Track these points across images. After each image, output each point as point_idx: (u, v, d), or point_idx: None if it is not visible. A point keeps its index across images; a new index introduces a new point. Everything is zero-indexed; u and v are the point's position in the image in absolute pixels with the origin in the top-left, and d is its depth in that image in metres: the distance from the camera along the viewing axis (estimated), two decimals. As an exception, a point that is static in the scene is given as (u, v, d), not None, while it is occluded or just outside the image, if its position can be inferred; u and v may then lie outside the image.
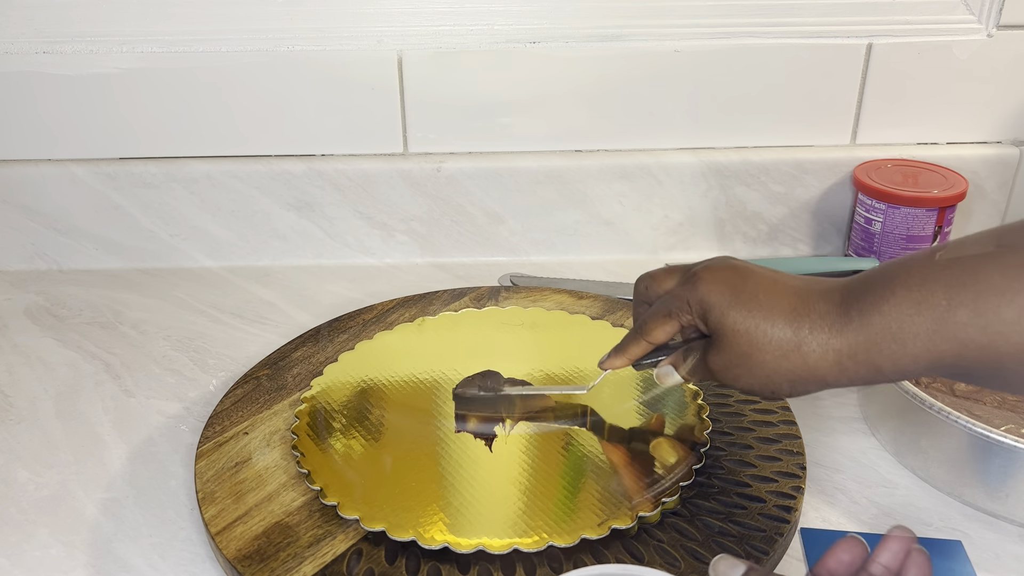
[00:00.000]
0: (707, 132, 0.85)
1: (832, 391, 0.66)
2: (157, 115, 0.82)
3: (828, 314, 0.41)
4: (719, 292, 0.44)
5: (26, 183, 0.84)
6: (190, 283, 0.84)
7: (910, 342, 0.38)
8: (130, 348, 0.73)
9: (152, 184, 0.84)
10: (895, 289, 0.39)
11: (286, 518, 0.51)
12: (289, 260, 0.88)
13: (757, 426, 0.58)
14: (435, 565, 0.47)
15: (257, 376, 0.64)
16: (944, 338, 0.37)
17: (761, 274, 0.45)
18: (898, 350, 0.39)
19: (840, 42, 0.81)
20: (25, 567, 0.51)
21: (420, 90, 0.82)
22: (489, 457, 0.54)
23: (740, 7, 0.80)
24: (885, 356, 0.39)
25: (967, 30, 0.80)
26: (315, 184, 0.85)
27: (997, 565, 0.50)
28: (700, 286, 0.45)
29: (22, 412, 0.65)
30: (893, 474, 0.57)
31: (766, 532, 0.49)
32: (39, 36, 0.79)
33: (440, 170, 0.85)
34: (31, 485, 0.58)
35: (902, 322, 0.38)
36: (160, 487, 0.57)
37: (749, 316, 0.43)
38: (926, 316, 0.38)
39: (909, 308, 0.38)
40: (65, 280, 0.85)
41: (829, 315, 0.41)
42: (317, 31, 0.80)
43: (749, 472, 0.54)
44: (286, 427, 0.58)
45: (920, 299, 0.38)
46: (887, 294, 0.39)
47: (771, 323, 0.42)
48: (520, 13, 0.80)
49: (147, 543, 0.52)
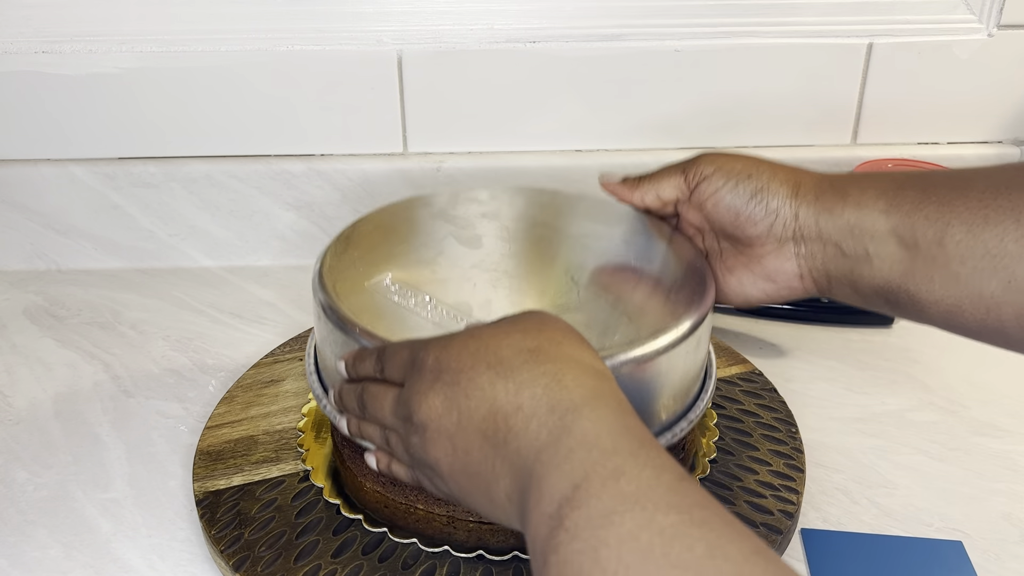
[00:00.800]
0: (707, 132, 0.85)
1: (830, 391, 0.66)
2: (157, 115, 0.82)
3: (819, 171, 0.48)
4: (720, 172, 0.49)
5: (25, 183, 0.84)
6: (189, 283, 0.84)
7: (881, 181, 0.43)
8: (129, 348, 0.73)
9: (151, 184, 0.84)
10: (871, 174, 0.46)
11: (261, 435, 0.57)
12: (289, 260, 0.88)
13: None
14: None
15: None
16: (915, 185, 0.42)
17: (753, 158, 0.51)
18: (868, 184, 0.44)
19: (840, 42, 0.81)
20: (24, 567, 0.51)
21: (420, 90, 0.82)
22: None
23: (740, 7, 0.79)
24: (855, 185, 0.44)
25: (967, 30, 0.80)
26: (315, 184, 0.85)
27: (997, 565, 0.50)
28: (702, 167, 0.50)
29: (21, 412, 0.65)
30: (893, 474, 0.57)
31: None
32: (39, 36, 0.79)
33: (440, 170, 0.85)
34: (30, 485, 0.57)
35: (878, 176, 0.44)
36: (159, 487, 0.57)
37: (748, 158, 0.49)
38: (901, 174, 0.43)
39: (887, 176, 0.44)
40: (64, 280, 0.85)
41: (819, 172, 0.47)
42: (317, 31, 0.79)
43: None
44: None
45: (901, 173, 0.44)
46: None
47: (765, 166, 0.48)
48: (520, 13, 0.80)
49: (146, 543, 0.52)
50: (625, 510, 0.29)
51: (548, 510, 0.31)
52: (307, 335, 0.70)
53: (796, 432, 0.58)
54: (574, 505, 0.30)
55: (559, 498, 0.30)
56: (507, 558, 0.47)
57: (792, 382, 0.67)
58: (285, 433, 0.58)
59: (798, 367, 0.69)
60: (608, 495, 0.30)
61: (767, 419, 0.59)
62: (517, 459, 0.34)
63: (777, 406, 0.61)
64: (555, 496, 0.31)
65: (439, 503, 0.48)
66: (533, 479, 0.32)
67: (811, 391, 0.66)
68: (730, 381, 0.64)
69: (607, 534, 0.28)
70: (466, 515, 0.48)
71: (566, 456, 0.32)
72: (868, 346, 0.72)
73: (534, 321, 0.38)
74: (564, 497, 0.30)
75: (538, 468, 0.32)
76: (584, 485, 0.30)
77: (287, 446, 0.57)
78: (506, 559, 0.47)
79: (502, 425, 0.34)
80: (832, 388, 0.67)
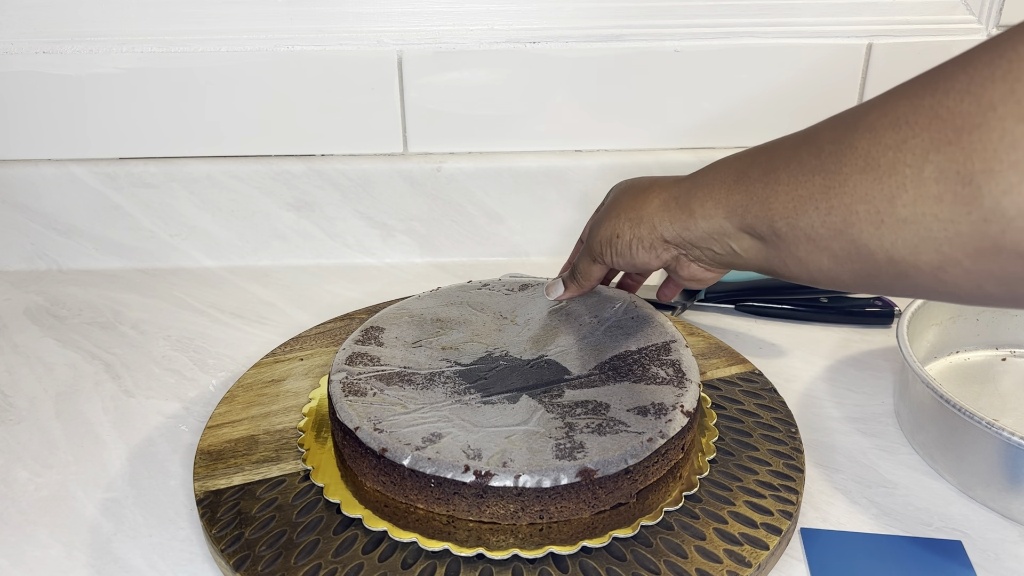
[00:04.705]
0: (707, 132, 0.85)
1: (830, 391, 0.66)
2: (157, 115, 0.82)
3: (675, 179, 0.52)
4: (619, 188, 0.58)
5: (26, 183, 0.84)
6: (190, 283, 0.84)
7: (716, 188, 0.47)
8: (130, 348, 0.73)
9: (152, 184, 0.84)
10: (726, 157, 0.48)
11: (261, 435, 0.58)
12: (289, 260, 0.88)
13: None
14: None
15: (352, 316, 0.73)
16: (738, 188, 0.45)
17: None
18: (706, 195, 0.48)
19: (840, 42, 0.81)
20: (25, 567, 0.51)
21: (420, 90, 0.82)
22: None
23: (740, 7, 0.79)
24: (696, 199, 0.48)
25: (967, 30, 0.80)
26: (315, 184, 0.85)
27: (997, 565, 0.50)
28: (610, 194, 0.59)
29: (22, 412, 0.65)
30: (893, 474, 0.57)
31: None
32: (39, 36, 0.79)
33: (440, 170, 0.85)
34: (31, 485, 0.58)
35: (716, 174, 0.48)
36: (160, 487, 0.57)
37: (624, 186, 0.56)
38: (732, 170, 0.46)
39: (725, 165, 0.48)
40: (65, 280, 0.85)
41: (675, 179, 0.52)
42: (317, 31, 0.80)
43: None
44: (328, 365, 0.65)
45: (736, 158, 0.47)
46: (719, 160, 0.49)
47: (634, 184, 0.55)
48: (520, 13, 0.80)
49: (147, 543, 0.52)
50: None
51: None
52: (307, 335, 0.70)
53: (796, 432, 0.58)
54: None
55: None
56: (507, 558, 0.47)
57: (792, 382, 0.67)
58: (286, 433, 0.58)
59: (798, 367, 0.69)
60: None
61: (767, 419, 0.59)
62: None
63: (777, 406, 0.61)
64: None
65: (439, 503, 0.48)
66: None
67: (811, 391, 0.66)
68: (730, 381, 0.64)
69: None
70: (466, 515, 0.48)
71: None
72: (868, 346, 0.72)
73: None
74: None
75: None
76: None
77: (287, 446, 0.57)
78: (506, 559, 0.47)
79: None
80: (832, 388, 0.67)
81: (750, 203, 0.44)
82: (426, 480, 0.47)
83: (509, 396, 0.54)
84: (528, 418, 0.52)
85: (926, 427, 0.58)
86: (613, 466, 0.48)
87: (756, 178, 0.44)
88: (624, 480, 0.48)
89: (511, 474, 0.47)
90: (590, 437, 0.50)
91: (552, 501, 0.47)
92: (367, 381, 0.55)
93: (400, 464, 0.48)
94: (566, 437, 0.50)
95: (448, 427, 0.51)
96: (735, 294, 0.78)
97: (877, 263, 0.37)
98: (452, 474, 0.47)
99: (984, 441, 0.52)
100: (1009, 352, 0.69)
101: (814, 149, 0.40)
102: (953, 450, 0.55)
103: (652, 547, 0.48)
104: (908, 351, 0.59)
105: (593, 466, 0.47)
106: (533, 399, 0.54)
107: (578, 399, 0.54)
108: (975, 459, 0.54)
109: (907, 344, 0.59)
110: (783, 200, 0.42)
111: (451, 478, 0.47)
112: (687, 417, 0.52)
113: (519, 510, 0.47)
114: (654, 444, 0.49)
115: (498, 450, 0.48)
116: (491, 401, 0.54)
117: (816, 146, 0.40)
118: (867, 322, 0.75)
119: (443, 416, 0.52)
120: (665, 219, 0.51)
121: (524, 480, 0.47)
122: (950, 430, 0.55)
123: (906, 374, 0.60)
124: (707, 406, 0.60)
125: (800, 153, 0.41)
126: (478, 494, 0.47)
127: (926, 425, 0.58)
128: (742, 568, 0.47)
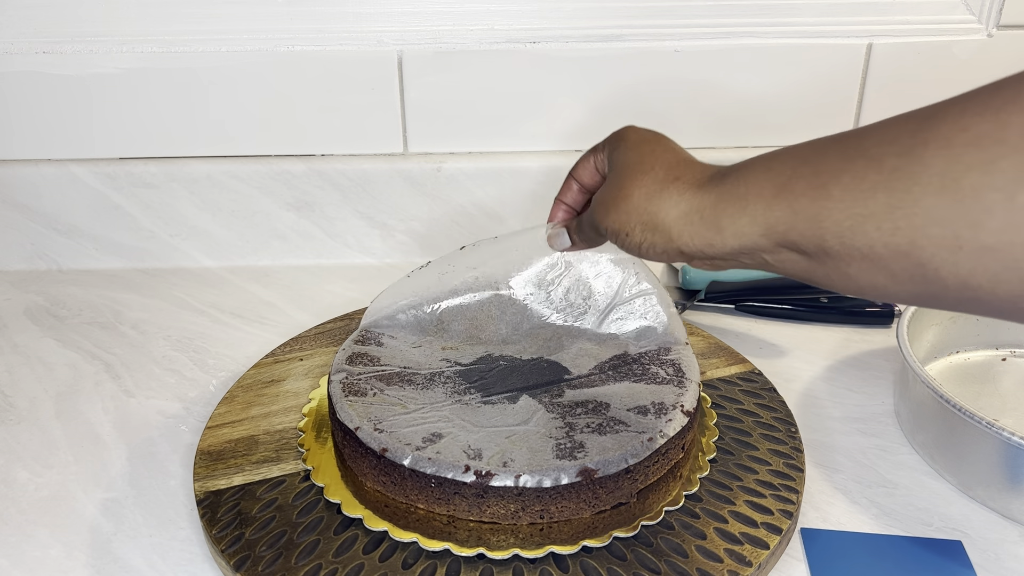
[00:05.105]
0: (707, 132, 0.85)
1: (830, 391, 0.66)
2: (157, 115, 0.82)
3: (698, 177, 0.46)
4: (625, 135, 0.52)
5: (26, 183, 0.84)
6: (190, 283, 0.84)
7: (751, 203, 0.41)
8: (130, 348, 0.73)
9: (152, 184, 0.84)
10: (755, 161, 0.43)
11: (261, 435, 0.58)
12: (289, 260, 0.88)
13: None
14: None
15: (352, 316, 0.73)
16: (780, 204, 0.40)
17: (664, 139, 0.51)
18: (738, 211, 0.42)
19: (840, 42, 0.81)
20: (25, 567, 0.51)
21: (420, 90, 0.82)
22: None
23: (740, 7, 0.79)
24: (727, 215, 0.42)
25: (967, 30, 0.81)
26: (315, 184, 0.85)
27: (997, 565, 0.50)
28: (615, 132, 0.53)
29: (22, 412, 0.65)
30: (893, 474, 0.57)
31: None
32: (39, 36, 0.79)
33: (440, 170, 0.85)
34: (31, 485, 0.58)
35: (749, 185, 0.42)
36: (160, 487, 0.57)
37: (638, 157, 0.49)
38: (769, 183, 0.41)
39: (759, 174, 0.41)
40: (65, 280, 0.85)
41: (698, 179, 0.45)
42: (317, 31, 0.80)
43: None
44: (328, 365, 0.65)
45: (769, 166, 0.41)
46: (747, 165, 0.43)
47: (652, 167, 0.48)
48: (520, 13, 0.80)
49: (147, 543, 0.52)
50: None
51: None
52: (307, 335, 0.70)
53: (796, 432, 0.58)
54: None
55: None
56: (508, 557, 0.47)
57: (792, 382, 0.67)
58: (286, 433, 0.58)
59: (798, 367, 0.69)
60: None
61: (767, 419, 0.59)
62: None
63: (777, 406, 0.61)
64: None
65: (440, 503, 0.48)
66: None
67: (811, 391, 0.66)
68: (730, 381, 0.64)
69: None
70: (466, 515, 0.48)
71: None
72: (868, 346, 0.72)
73: None
74: None
75: None
76: None
77: (288, 446, 0.57)
78: (507, 559, 0.47)
79: None
80: (832, 388, 0.67)
81: (795, 220, 0.40)
82: (426, 480, 0.47)
83: (509, 396, 0.54)
84: (528, 418, 0.52)
85: (926, 427, 0.58)
86: (613, 466, 0.48)
87: (801, 192, 0.40)
88: (624, 480, 0.48)
89: (511, 474, 0.47)
90: (590, 437, 0.50)
91: (553, 501, 0.47)
92: (367, 381, 0.55)
93: (400, 464, 0.48)
94: (566, 437, 0.50)
95: (448, 427, 0.51)
96: (735, 294, 0.78)
97: (946, 287, 0.34)
98: (452, 474, 0.47)
99: (984, 441, 0.52)
100: (1009, 352, 0.69)
101: (873, 163, 0.37)
102: (953, 450, 0.55)
103: (653, 547, 0.48)
104: (908, 351, 0.59)
105: (593, 466, 0.47)
106: (533, 399, 0.54)
107: (578, 399, 0.54)
108: (975, 459, 0.54)
109: (907, 344, 0.59)
110: (837, 218, 0.38)
111: (451, 478, 0.47)
112: (687, 417, 0.52)
113: (520, 510, 0.47)
114: (654, 444, 0.49)
115: (498, 450, 0.48)
116: (491, 401, 0.54)
117: (875, 160, 0.37)
118: (867, 322, 0.75)
119: (443, 416, 0.52)
120: (685, 234, 0.45)
121: (524, 480, 0.47)
122: (950, 430, 0.55)
123: (906, 374, 0.60)
124: (707, 406, 0.60)
125: (855, 166, 0.38)
126: (478, 494, 0.47)
127: (926, 425, 0.58)
128: (743, 567, 0.47)
